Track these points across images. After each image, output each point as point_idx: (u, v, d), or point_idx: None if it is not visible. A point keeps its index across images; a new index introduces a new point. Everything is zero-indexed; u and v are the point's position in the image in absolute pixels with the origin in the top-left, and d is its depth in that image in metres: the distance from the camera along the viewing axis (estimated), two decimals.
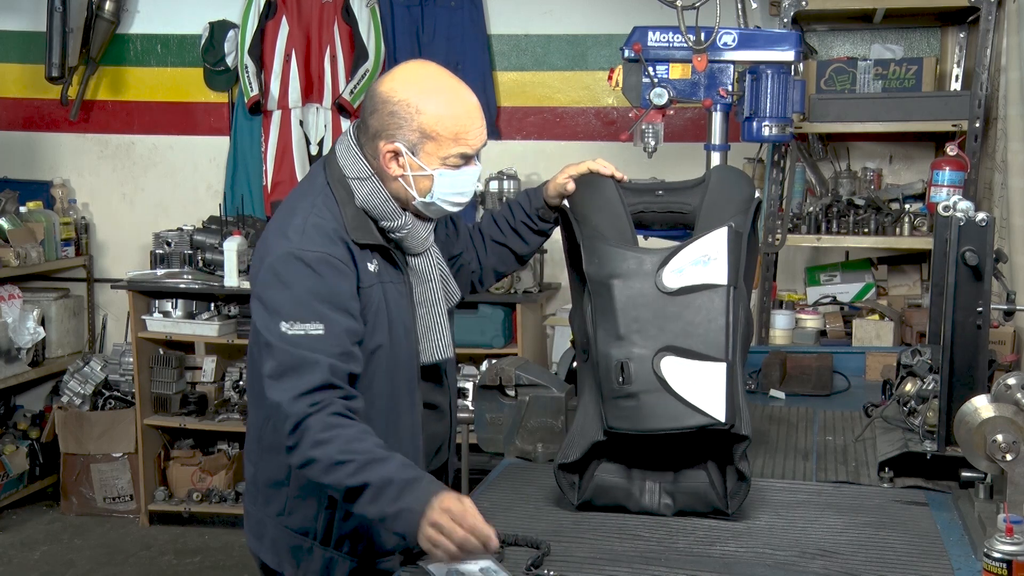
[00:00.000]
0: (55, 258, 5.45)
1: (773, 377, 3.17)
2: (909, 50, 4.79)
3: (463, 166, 2.18)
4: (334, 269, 2.09)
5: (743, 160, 4.59)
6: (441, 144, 2.14)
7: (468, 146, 2.16)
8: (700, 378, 2.07)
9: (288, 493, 2.24)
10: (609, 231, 2.26)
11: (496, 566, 1.84)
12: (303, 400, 1.99)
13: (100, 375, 5.42)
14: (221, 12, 5.44)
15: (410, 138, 2.13)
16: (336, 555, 2.23)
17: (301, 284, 2.06)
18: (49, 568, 4.77)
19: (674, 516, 2.13)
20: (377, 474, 1.93)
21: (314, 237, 2.10)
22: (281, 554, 2.27)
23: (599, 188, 2.35)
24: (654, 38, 3.25)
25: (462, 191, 2.20)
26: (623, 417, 2.09)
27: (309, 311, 2.04)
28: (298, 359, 2.01)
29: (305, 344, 2.02)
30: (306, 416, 1.98)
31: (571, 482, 2.17)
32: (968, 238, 2.18)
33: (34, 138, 5.78)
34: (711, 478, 2.13)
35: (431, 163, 2.15)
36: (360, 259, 2.14)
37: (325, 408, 1.99)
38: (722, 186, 2.33)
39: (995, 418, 2.00)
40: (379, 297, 2.16)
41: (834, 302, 4.56)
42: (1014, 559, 1.69)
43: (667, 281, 2.14)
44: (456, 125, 2.14)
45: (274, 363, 2.04)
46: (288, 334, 2.03)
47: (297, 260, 2.07)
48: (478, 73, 5.20)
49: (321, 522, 2.22)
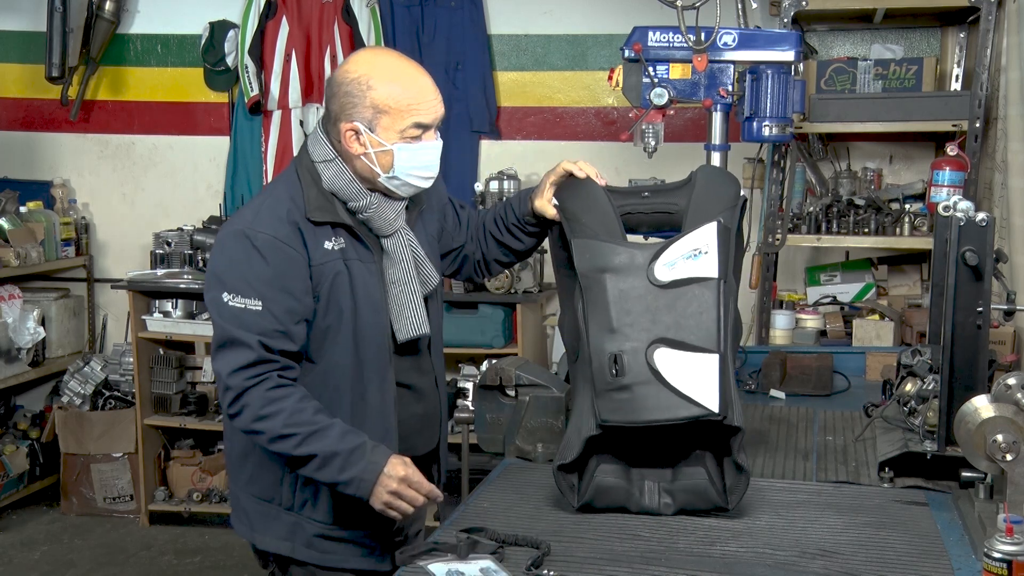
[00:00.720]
0: (55, 258, 5.45)
1: (773, 377, 3.17)
2: (909, 50, 4.79)
3: (421, 139, 2.25)
4: (279, 251, 2.19)
5: (743, 160, 4.59)
6: (395, 117, 2.22)
7: (422, 115, 2.23)
8: (693, 369, 2.09)
9: (253, 462, 2.34)
10: (599, 229, 2.28)
11: (496, 566, 1.84)
12: (240, 374, 2.16)
13: (100, 375, 5.42)
14: (221, 12, 5.44)
15: (365, 115, 2.23)
16: (300, 519, 2.32)
17: (246, 262, 2.19)
18: (49, 568, 4.77)
19: (675, 515, 2.13)
20: (321, 445, 2.14)
21: (265, 218, 2.22)
22: (253, 523, 2.37)
23: (587, 189, 2.37)
24: (654, 38, 3.25)
25: (425, 164, 2.27)
26: (616, 410, 2.11)
27: (250, 288, 2.17)
28: (233, 336, 2.17)
29: (242, 319, 2.16)
30: (244, 390, 2.16)
31: (571, 484, 2.17)
32: (968, 238, 2.18)
33: (34, 138, 5.78)
34: (710, 475, 2.14)
35: (389, 138, 2.23)
36: (314, 238, 2.24)
37: (262, 382, 2.16)
38: (708, 185, 2.33)
39: (995, 418, 2.00)
40: (335, 273, 2.24)
41: (834, 302, 4.56)
42: (1014, 559, 1.69)
43: (659, 274, 2.17)
44: (407, 97, 2.23)
45: (216, 336, 2.22)
46: (229, 305, 2.17)
47: (245, 239, 2.20)
48: (478, 73, 5.20)
49: (284, 487, 2.31)
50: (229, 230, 2.25)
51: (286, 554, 2.34)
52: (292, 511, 2.32)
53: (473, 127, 5.27)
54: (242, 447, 2.35)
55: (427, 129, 2.25)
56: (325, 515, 2.32)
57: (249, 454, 2.34)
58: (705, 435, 2.13)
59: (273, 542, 2.34)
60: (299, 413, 2.16)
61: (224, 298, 2.18)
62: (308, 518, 2.32)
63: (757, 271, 3.94)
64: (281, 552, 2.34)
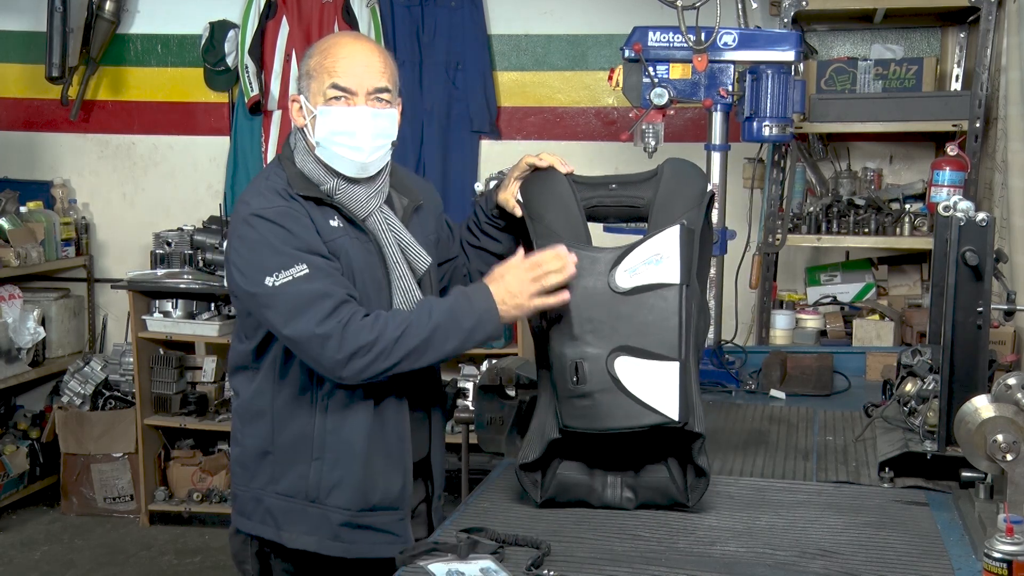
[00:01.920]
0: (55, 258, 5.45)
1: (773, 377, 3.17)
2: (909, 50, 4.79)
3: (341, 103, 2.24)
4: (295, 220, 2.19)
5: (743, 160, 4.59)
6: (318, 80, 2.25)
7: (339, 77, 2.23)
8: (653, 377, 2.10)
9: (274, 459, 2.31)
10: (562, 229, 2.27)
11: (496, 566, 1.84)
12: (328, 322, 2.11)
13: (100, 375, 5.42)
14: (221, 12, 5.44)
15: (300, 85, 2.28)
16: (326, 509, 2.29)
17: (271, 238, 2.17)
18: (49, 568, 4.77)
19: (676, 515, 2.14)
20: (437, 315, 2.13)
21: (270, 196, 2.23)
22: (280, 521, 2.32)
23: (551, 185, 2.35)
24: (654, 38, 3.25)
25: (346, 130, 2.24)
26: (578, 416, 2.13)
27: (288, 257, 2.15)
28: (301, 297, 2.12)
29: (298, 284, 2.13)
30: (343, 331, 2.10)
31: (533, 480, 2.20)
32: (968, 238, 2.18)
33: (34, 138, 5.78)
34: (671, 472, 2.15)
35: (316, 102, 2.26)
36: (319, 214, 2.24)
37: (353, 318, 2.12)
38: (675, 180, 2.31)
39: (995, 418, 2.00)
40: (344, 250, 2.24)
41: (834, 302, 4.56)
42: (1014, 559, 1.69)
43: (620, 281, 2.17)
44: (328, 60, 2.25)
45: (278, 313, 2.15)
46: (277, 286, 2.14)
47: (259, 219, 2.19)
48: (478, 73, 5.20)
49: (309, 480, 2.29)
50: (237, 221, 2.23)
51: (312, 549, 2.31)
52: (317, 503, 2.29)
53: (473, 127, 5.27)
54: (260, 445, 2.33)
55: (350, 95, 2.24)
56: (351, 499, 2.29)
57: (269, 451, 2.31)
58: (668, 439, 2.15)
59: (300, 538, 2.31)
60: (397, 314, 2.17)
61: (269, 283, 2.14)
62: (335, 507, 2.29)
63: (757, 271, 3.93)
64: (308, 548, 2.31)
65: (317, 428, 2.28)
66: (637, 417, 2.09)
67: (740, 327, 3.95)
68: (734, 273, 3.66)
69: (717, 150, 3.30)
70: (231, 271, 2.24)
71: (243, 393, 2.37)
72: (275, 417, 2.31)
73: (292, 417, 2.29)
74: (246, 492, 2.37)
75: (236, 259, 2.22)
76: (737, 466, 2.46)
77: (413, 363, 2.16)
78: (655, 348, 2.12)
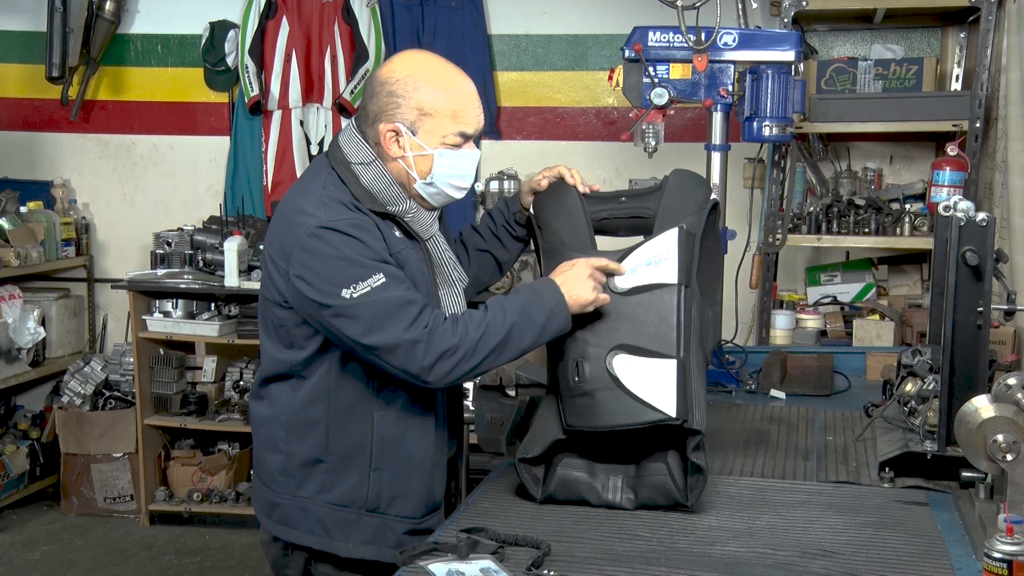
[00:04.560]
0: (55, 258, 5.45)
1: (774, 377, 3.17)
2: (909, 50, 4.79)
3: (463, 147, 2.22)
4: (367, 231, 2.15)
5: (743, 160, 4.59)
6: (439, 122, 2.19)
7: (467, 125, 2.21)
8: (651, 375, 2.13)
9: (327, 468, 2.27)
10: (569, 237, 2.31)
11: (496, 566, 1.84)
12: (414, 328, 2.09)
13: (100, 375, 5.42)
14: (221, 12, 5.44)
15: (409, 117, 2.19)
16: (386, 518, 2.27)
17: (346, 250, 2.11)
18: (49, 568, 4.77)
19: (677, 516, 2.14)
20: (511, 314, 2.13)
21: (336, 207, 2.17)
22: (331, 531, 2.28)
23: (562, 196, 2.39)
24: (654, 38, 3.25)
25: (463, 173, 2.24)
26: (580, 414, 2.16)
27: (363, 269, 2.11)
28: (384, 305, 2.10)
29: (379, 293, 2.09)
30: (429, 336, 2.09)
31: (535, 477, 2.22)
32: (968, 238, 2.18)
33: (34, 138, 5.78)
34: (671, 472, 2.16)
35: (431, 142, 2.20)
36: (383, 226, 2.21)
37: (436, 323, 2.11)
38: (677, 190, 2.35)
39: (995, 418, 2.00)
40: (407, 261, 2.22)
41: (834, 302, 4.56)
42: (1014, 559, 1.69)
43: (619, 282, 2.21)
44: (454, 103, 2.19)
45: (360, 324, 2.11)
46: (356, 297, 2.10)
47: (330, 231, 2.12)
48: (478, 73, 5.19)
49: (366, 489, 2.26)
50: (307, 229, 2.13)
51: (371, 558, 2.27)
52: (377, 512, 2.26)
53: None
54: (311, 454, 2.26)
55: (468, 139, 2.24)
56: (416, 507, 2.28)
57: (319, 460, 2.26)
58: (669, 436, 2.16)
59: (357, 548, 2.27)
60: (474, 315, 2.15)
61: (347, 295, 2.09)
62: (397, 516, 2.27)
63: (757, 271, 3.93)
64: (366, 557, 2.27)
65: (376, 438, 2.25)
66: (636, 414, 2.11)
67: (740, 327, 3.95)
68: (734, 273, 3.66)
69: (717, 150, 3.30)
70: (313, 289, 2.13)
71: (287, 402, 2.29)
72: (330, 426, 2.25)
73: (348, 426, 2.25)
74: (291, 501, 2.31)
75: (305, 272, 2.13)
76: (737, 466, 2.47)
77: (493, 362, 2.16)
78: (653, 346, 2.14)
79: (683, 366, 2.13)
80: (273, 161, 5.36)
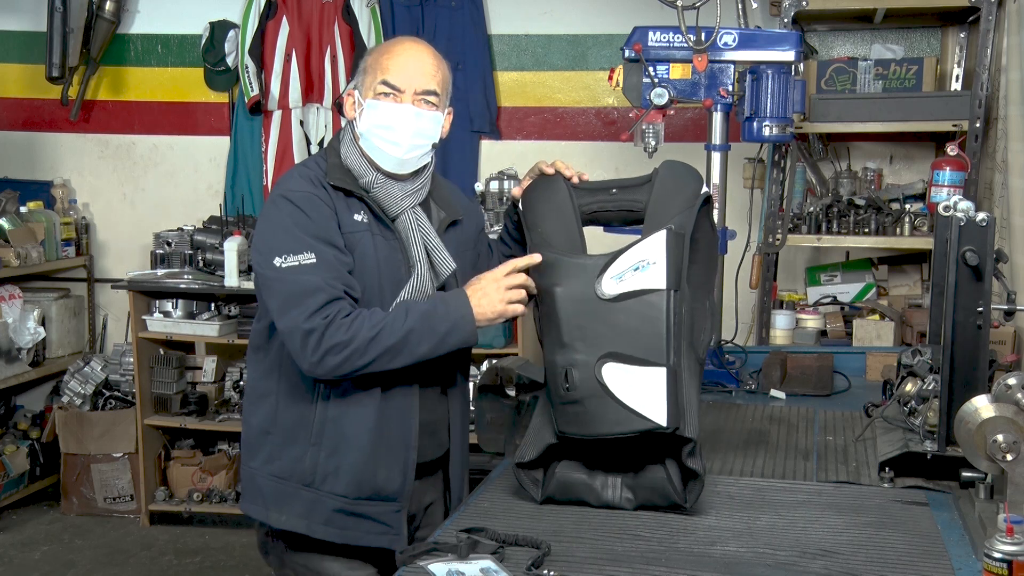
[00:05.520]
0: (55, 258, 5.45)
1: (774, 377, 3.17)
2: (909, 50, 4.79)
3: (388, 99, 2.31)
4: (317, 207, 2.26)
5: (743, 160, 4.59)
6: (370, 75, 2.33)
7: (392, 75, 2.30)
8: (640, 383, 2.11)
9: (272, 440, 2.36)
10: (556, 238, 2.29)
11: (496, 566, 1.84)
12: (315, 317, 2.17)
13: (100, 375, 5.42)
14: (221, 12, 5.44)
15: (356, 79, 2.36)
16: (319, 494, 2.32)
17: (288, 219, 2.23)
18: (49, 568, 4.77)
19: (677, 516, 2.14)
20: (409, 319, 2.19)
21: (300, 181, 2.31)
22: (268, 502, 2.37)
23: (551, 192, 2.37)
24: (654, 38, 3.25)
25: (387, 124, 2.31)
26: (571, 422, 2.16)
27: (299, 243, 2.21)
28: (299, 288, 2.19)
29: (301, 273, 2.19)
30: (325, 328, 2.16)
31: (533, 479, 2.22)
32: (968, 238, 2.18)
33: (34, 138, 5.78)
34: (669, 474, 2.15)
35: (366, 96, 2.33)
36: (344, 205, 2.30)
37: (336, 316, 2.17)
38: (669, 182, 2.32)
39: (995, 418, 2.00)
40: (366, 245, 2.29)
41: (834, 302, 4.56)
42: (1014, 559, 1.69)
43: (606, 288, 2.17)
44: (384, 58, 2.33)
45: (278, 299, 2.21)
46: (283, 267, 2.20)
47: (283, 199, 2.27)
48: (478, 73, 5.20)
49: (304, 463, 2.32)
50: (268, 201, 2.32)
51: (302, 531, 2.34)
52: (312, 487, 2.32)
53: (473, 127, 5.27)
54: (262, 423, 2.37)
55: (398, 92, 2.30)
56: (347, 487, 2.32)
57: (270, 431, 2.36)
58: (663, 442, 2.15)
59: (290, 520, 2.34)
60: (373, 315, 2.20)
61: (276, 263, 2.21)
62: (329, 492, 2.32)
63: (757, 271, 3.93)
64: (297, 530, 2.34)
65: (318, 414, 2.31)
66: (626, 423, 2.11)
67: (740, 327, 3.95)
68: (734, 273, 3.66)
69: (717, 150, 3.30)
70: (254, 247, 2.31)
71: (253, 373, 2.43)
72: (279, 399, 2.35)
73: (294, 400, 2.33)
74: (246, 471, 2.43)
75: (256, 235, 2.31)
76: (737, 466, 2.46)
77: (386, 364, 2.21)
78: (642, 354, 2.13)
79: (673, 373, 2.11)
80: (273, 161, 5.36)
